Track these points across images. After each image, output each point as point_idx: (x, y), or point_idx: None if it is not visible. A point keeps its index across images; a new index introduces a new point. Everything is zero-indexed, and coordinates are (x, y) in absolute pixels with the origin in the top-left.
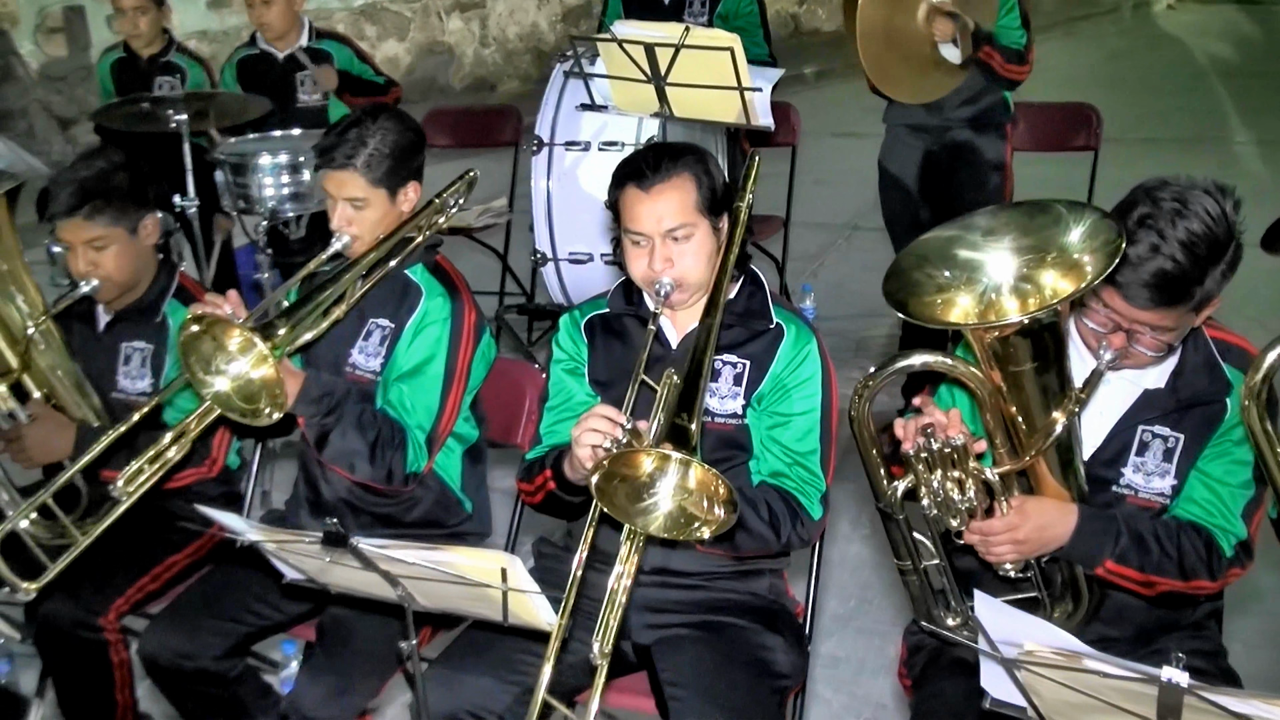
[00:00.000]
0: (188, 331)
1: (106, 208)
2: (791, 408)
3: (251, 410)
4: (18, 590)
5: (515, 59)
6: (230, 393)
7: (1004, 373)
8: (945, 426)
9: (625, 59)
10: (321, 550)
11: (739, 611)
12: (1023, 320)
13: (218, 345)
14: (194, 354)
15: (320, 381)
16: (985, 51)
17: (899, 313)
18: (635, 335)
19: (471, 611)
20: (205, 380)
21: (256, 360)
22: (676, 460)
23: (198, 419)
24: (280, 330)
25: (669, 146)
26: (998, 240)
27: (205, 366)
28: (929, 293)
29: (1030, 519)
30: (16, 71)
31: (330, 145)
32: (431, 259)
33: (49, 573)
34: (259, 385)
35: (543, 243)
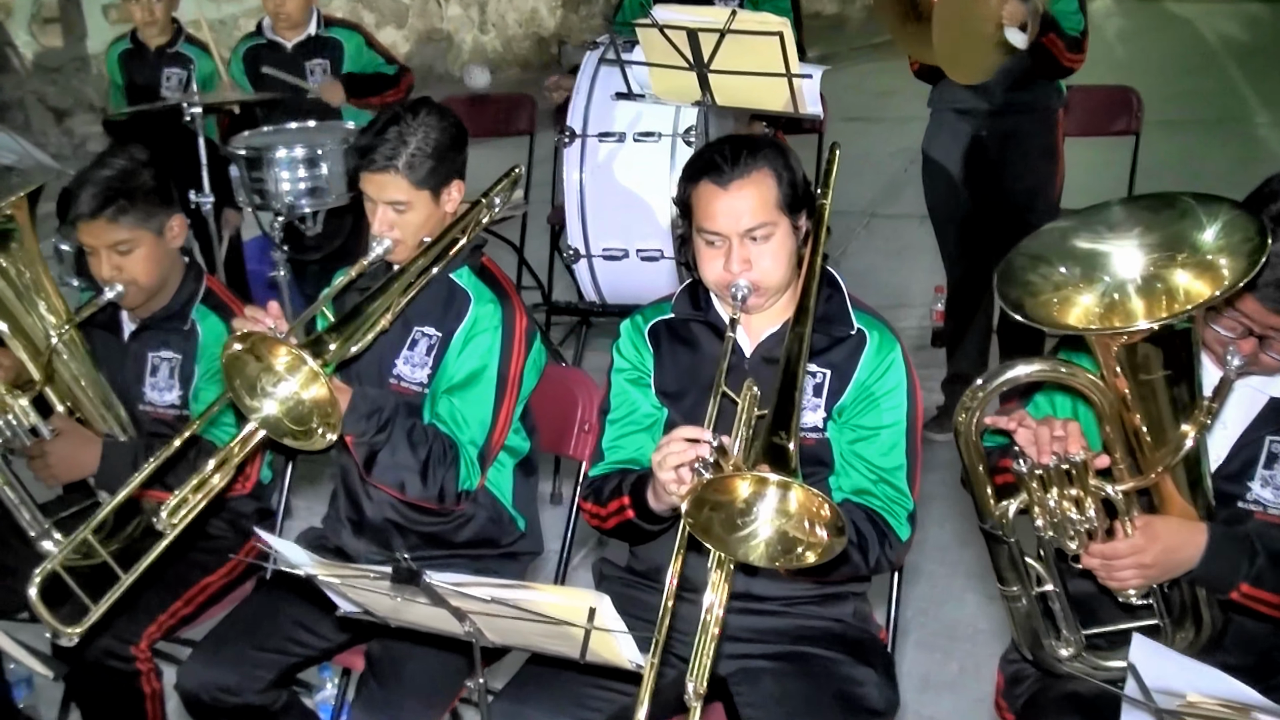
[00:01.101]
0: (230, 351)
1: (132, 208)
2: (877, 420)
3: (303, 432)
4: (61, 636)
5: (515, 45)
6: (280, 416)
7: (1132, 381)
8: (1064, 440)
9: (666, 45)
10: (391, 588)
11: (824, 640)
12: (1152, 326)
13: (264, 365)
14: (238, 376)
15: (368, 397)
16: (1049, 38)
17: (1016, 315)
18: (704, 342)
19: (545, 648)
20: (252, 405)
21: (306, 379)
22: (775, 483)
23: (240, 443)
24: (331, 346)
25: (746, 139)
26: (1120, 235)
27: (250, 389)
28: (1044, 292)
29: (1158, 541)
30: (11, 63)
31: (369, 146)
32: (478, 261)
33: (91, 615)
34: (310, 406)
35: (575, 238)
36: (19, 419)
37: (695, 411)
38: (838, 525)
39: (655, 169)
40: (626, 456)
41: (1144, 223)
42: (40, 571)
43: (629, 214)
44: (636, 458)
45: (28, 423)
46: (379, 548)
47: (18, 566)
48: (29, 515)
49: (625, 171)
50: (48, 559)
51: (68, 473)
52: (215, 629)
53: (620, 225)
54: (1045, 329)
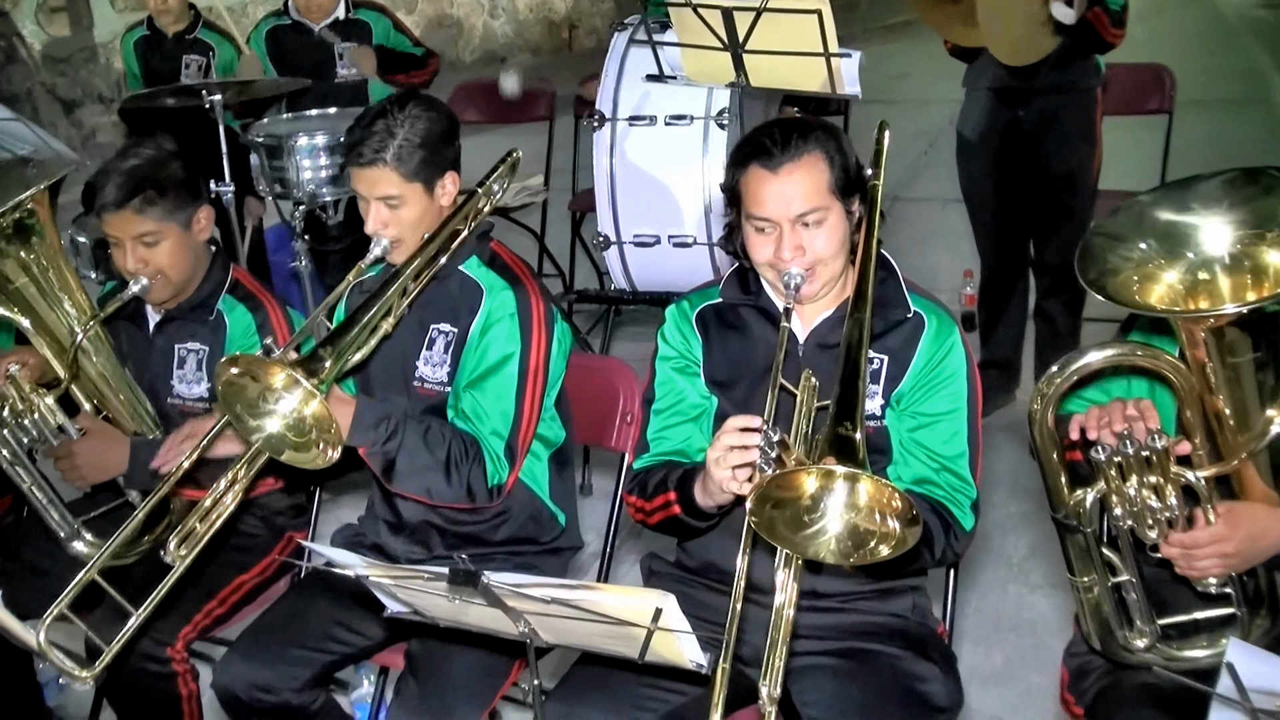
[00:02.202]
0: (225, 379)
1: (159, 200)
2: (938, 406)
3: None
4: (77, 680)
5: (526, 30)
6: (284, 433)
7: (1218, 365)
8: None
9: (699, 25)
10: (448, 589)
11: (884, 636)
12: (1241, 310)
13: (262, 386)
14: (237, 401)
15: (373, 406)
16: (1094, 12)
17: (1097, 294)
18: (755, 328)
19: (602, 648)
20: (253, 426)
21: (305, 398)
22: (843, 476)
23: (246, 465)
24: (326, 362)
25: (797, 122)
26: (1206, 211)
27: (252, 410)
28: (1125, 270)
29: (1241, 528)
30: (19, 53)
31: (357, 140)
32: (486, 249)
33: (107, 654)
34: (311, 421)
35: (605, 225)
36: (45, 418)
37: (747, 400)
38: (910, 515)
39: (687, 153)
40: (673, 448)
41: (1230, 198)
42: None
43: (661, 199)
44: (683, 449)
45: (54, 422)
46: (418, 547)
47: (49, 568)
48: (58, 516)
49: (656, 156)
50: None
51: (95, 473)
52: (252, 627)
53: (652, 211)
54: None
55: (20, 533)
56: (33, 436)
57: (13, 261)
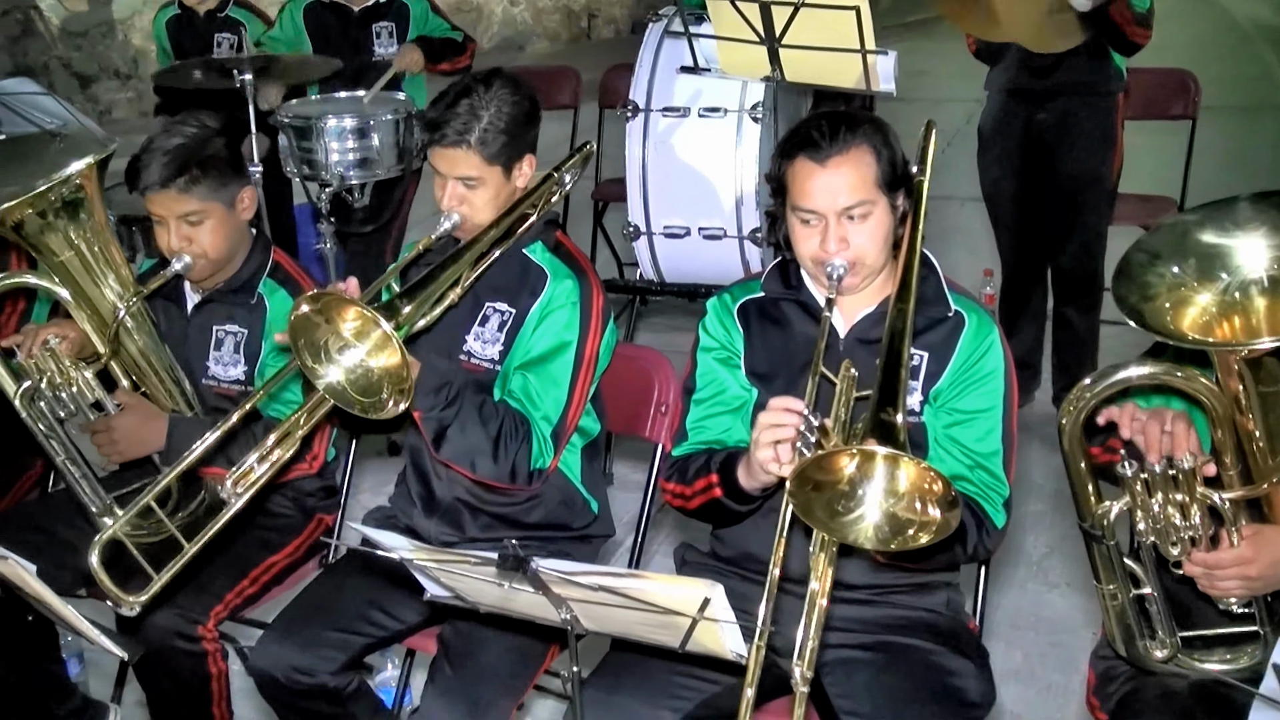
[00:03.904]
0: (299, 313)
1: (203, 178)
2: (974, 404)
3: (372, 402)
4: (122, 605)
5: (544, 18)
6: (346, 383)
7: (1253, 391)
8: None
9: (736, 18)
10: (497, 575)
11: (918, 631)
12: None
13: (333, 328)
14: (304, 339)
15: (437, 370)
16: (1117, 8)
17: (1133, 322)
18: (796, 322)
19: (642, 636)
20: (318, 370)
21: (378, 344)
22: (885, 457)
23: (307, 413)
24: (405, 309)
25: (844, 115)
26: (1241, 233)
27: (317, 354)
28: (1160, 294)
29: (1266, 552)
30: (37, 27)
31: (440, 120)
32: (552, 237)
33: (154, 584)
34: (380, 373)
35: (636, 215)
36: (83, 392)
37: (787, 393)
38: (950, 499)
39: (720, 145)
40: (712, 438)
41: (1272, 221)
42: (100, 538)
43: (692, 191)
44: (722, 439)
45: (92, 397)
46: (450, 528)
47: (79, 543)
48: (90, 491)
49: (689, 147)
50: (107, 527)
51: (133, 448)
52: (288, 609)
53: (683, 202)
54: (1166, 339)
55: (48, 508)
56: (69, 410)
57: (59, 236)
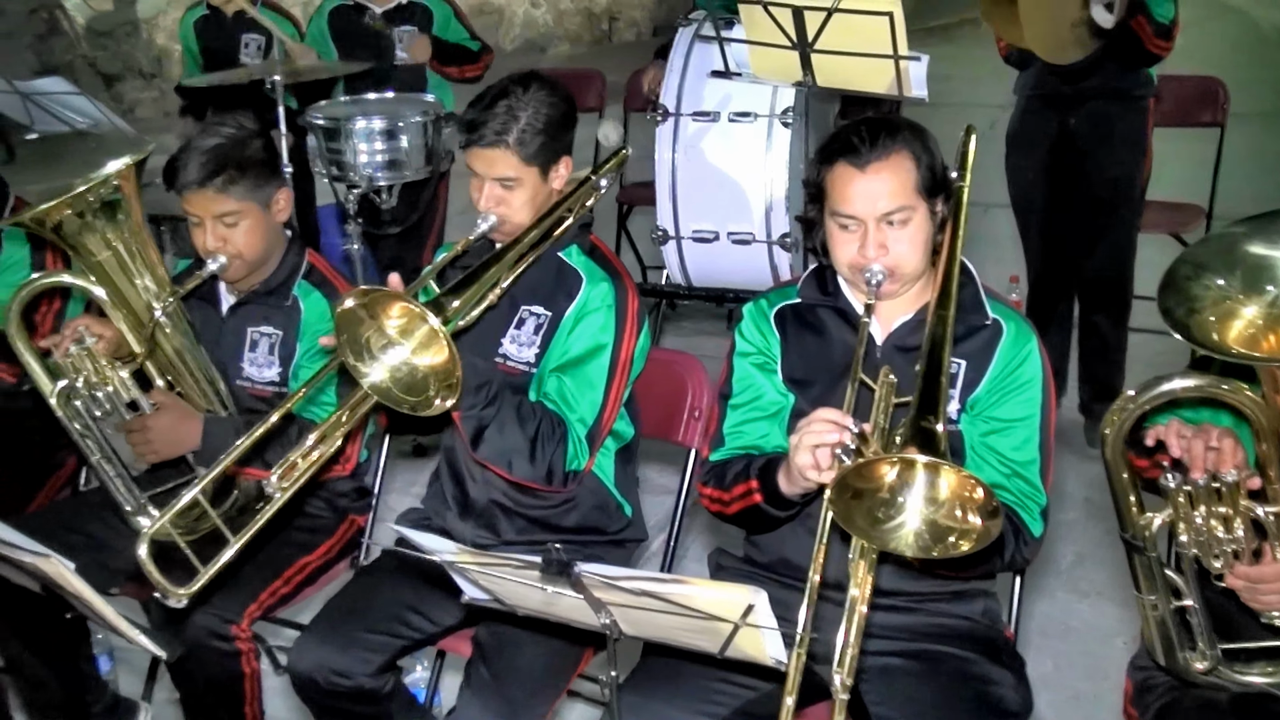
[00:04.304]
0: (345, 308)
1: (241, 179)
2: (1012, 412)
3: (420, 400)
4: (169, 597)
5: (566, 20)
6: (390, 381)
7: None
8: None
9: (769, 22)
10: (540, 578)
11: (956, 639)
12: None
13: (378, 325)
14: (348, 335)
15: (477, 370)
16: (1138, 20)
17: (1179, 335)
18: (833, 328)
19: (681, 641)
20: (361, 368)
21: (424, 340)
22: (925, 465)
23: (350, 410)
24: (454, 303)
25: (884, 121)
26: None
27: (360, 352)
28: (1206, 307)
29: None
30: (62, 26)
31: (478, 120)
32: (587, 241)
33: (201, 577)
34: (425, 370)
35: (664, 219)
36: (119, 392)
37: (824, 399)
38: (990, 508)
39: (750, 150)
40: (749, 443)
41: None
42: (149, 532)
43: (721, 195)
44: (760, 445)
45: (128, 396)
46: (485, 530)
47: (113, 542)
48: (125, 489)
49: (719, 152)
50: (151, 522)
51: (168, 448)
52: (325, 611)
53: (712, 207)
54: (1212, 353)
55: (80, 507)
56: (105, 409)
57: (97, 236)
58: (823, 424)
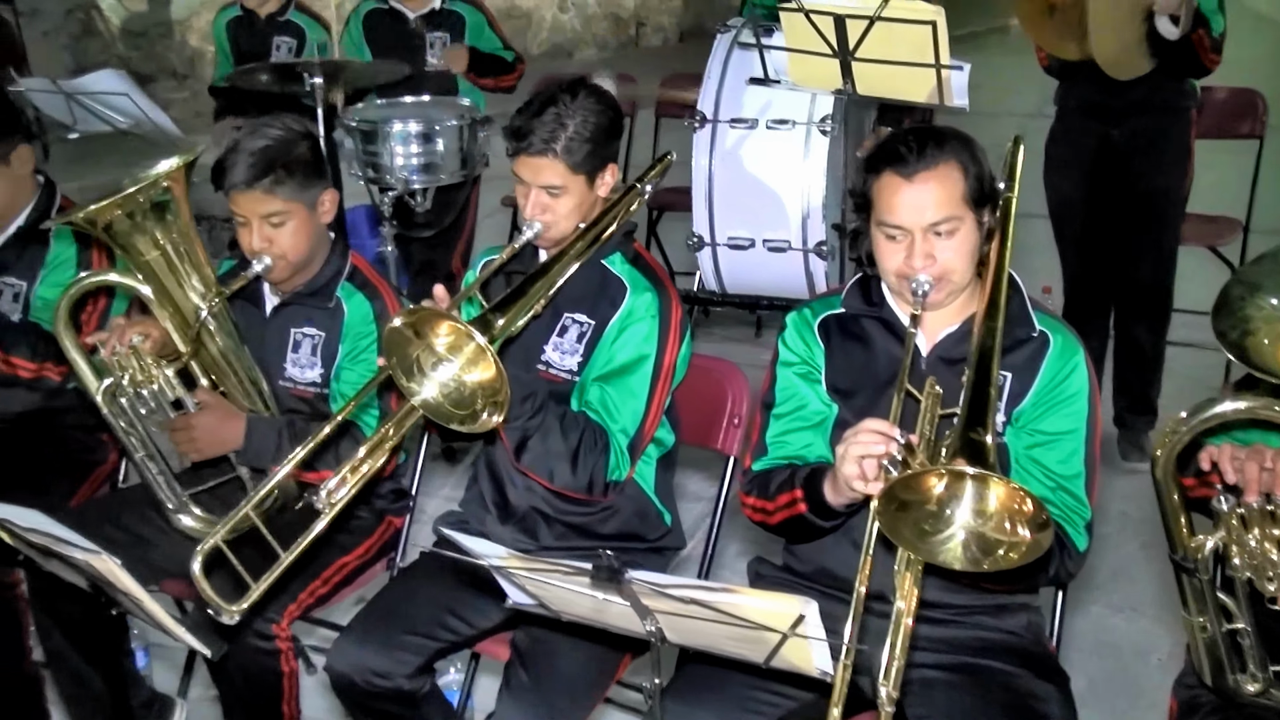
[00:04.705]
0: (392, 327)
1: (288, 180)
2: (1058, 425)
3: (467, 415)
4: (223, 614)
5: (593, 25)
6: (441, 397)
7: None
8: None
9: (810, 30)
10: (591, 585)
11: (1000, 653)
12: None
13: (425, 343)
14: (396, 354)
15: (521, 381)
16: (1197, 34)
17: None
18: (877, 338)
19: (727, 650)
20: (410, 386)
21: (472, 358)
22: (973, 477)
23: (396, 425)
24: (499, 321)
25: (931, 130)
26: None
27: (409, 370)
28: (1260, 329)
29: None
30: (97, 26)
31: (526, 128)
32: (630, 248)
33: (252, 593)
34: (473, 387)
35: (700, 225)
36: (164, 390)
37: (868, 410)
38: (1040, 520)
39: (788, 157)
40: (792, 453)
41: None
42: (203, 547)
43: (758, 203)
44: (803, 454)
45: (172, 395)
46: (525, 536)
47: (155, 539)
48: (168, 487)
49: (756, 159)
50: (210, 534)
51: (211, 447)
52: (364, 612)
53: (748, 214)
54: (1268, 377)
55: (121, 503)
56: (150, 407)
57: (146, 237)
58: (870, 435)
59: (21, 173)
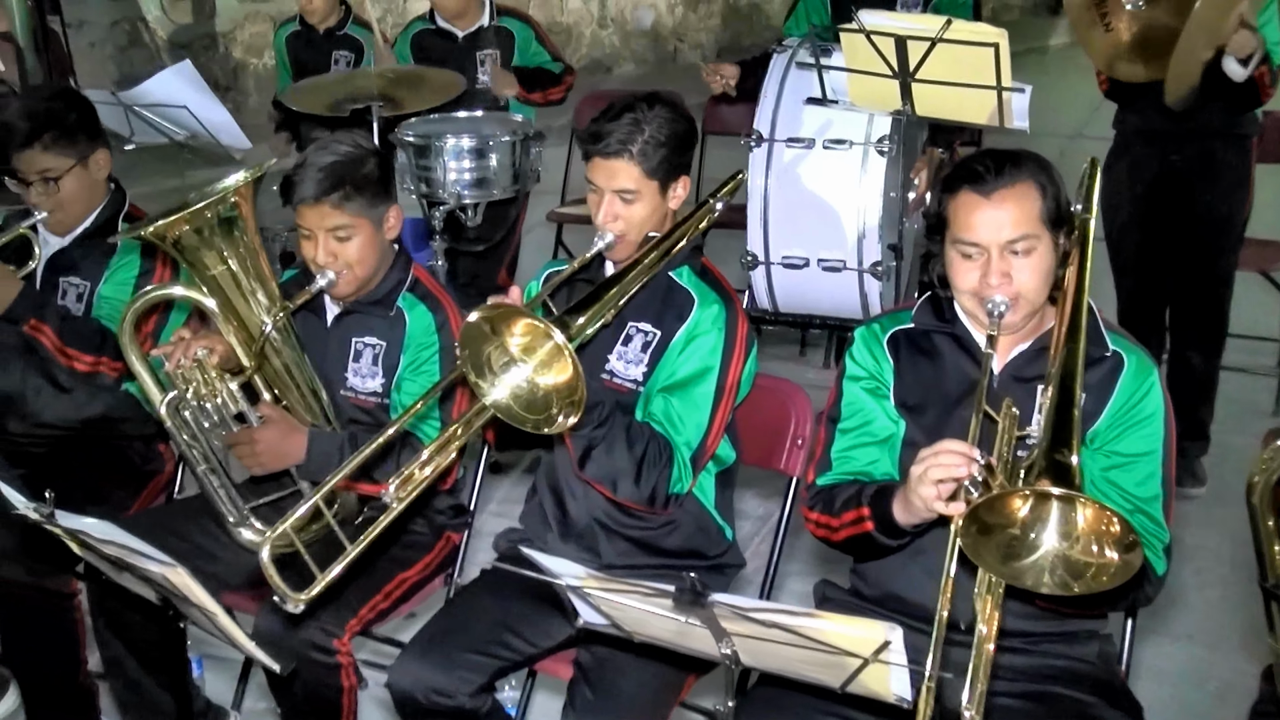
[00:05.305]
0: (470, 321)
1: (356, 195)
2: (1134, 447)
3: (543, 418)
4: (288, 602)
5: (632, 41)
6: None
7: None
8: None
9: (870, 51)
10: (674, 608)
11: (1073, 681)
12: None
13: (499, 343)
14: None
15: (589, 389)
16: (1261, 71)
17: None
18: (948, 355)
19: (802, 674)
20: (483, 386)
21: (548, 358)
22: (1060, 498)
23: (465, 425)
24: (579, 320)
25: (1009, 151)
26: None
27: (480, 369)
28: None
29: None
30: (143, 38)
31: (602, 131)
32: (698, 262)
33: (318, 583)
34: (547, 389)
35: (755, 244)
36: (227, 404)
37: (938, 427)
38: (1128, 542)
39: (845, 177)
40: (858, 469)
41: None
42: (270, 534)
43: (813, 222)
44: (869, 471)
45: (236, 409)
46: (586, 552)
47: (213, 550)
48: (229, 501)
49: (812, 178)
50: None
51: (274, 460)
52: (427, 628)
53: (804, 233)
54: None
55: (179, 514)
56: (213, 421)
57: (213, 252)
58: (951, 456)
59: (98, 176)
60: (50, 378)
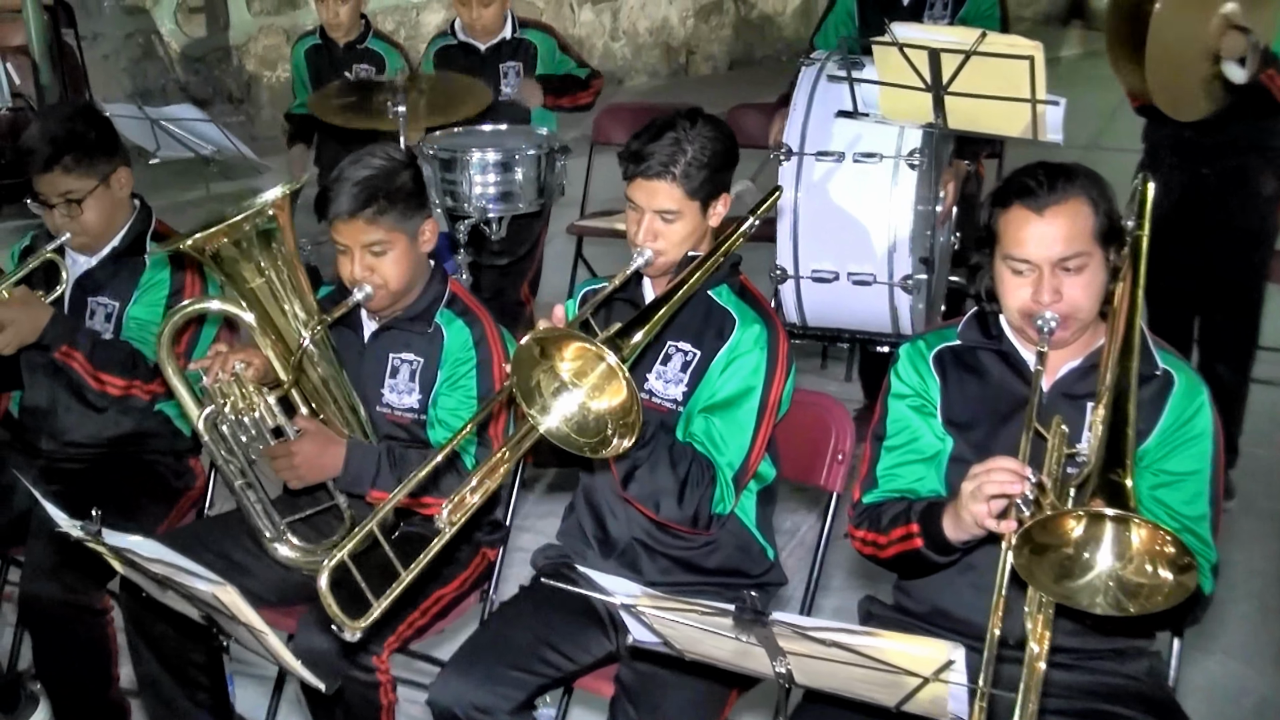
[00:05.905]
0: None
1: (391, 209)
2: (1183, 465)
3: (597, 441)
4: (345, 630)
5: (644, 53)
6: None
7: None
8: None
9: (903, 64)
10: (733, 627)
11: (1124, 699)
12: None
13: (549, 367)
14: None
15: None
16: (1268, 74)
17: None
18: (995, 371)
19: (856, 693)
20: (536, 415)
21: (601, 380)
22: (1114, 519)
23: (513, 448)
24: (632, 340)
25: (1060, 166)
26: None
27: (530, 396)
28: None
29: None
30: (157, 51)
31: (644, 152)
32: (737, 281)
33: (373, 610)
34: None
35: (784, 257)
36: (264, 418)
37: (986, 444)
38: (1183, 563)
39: (875, 191)
40: (904, 486)
41: None
42: (329, 562)
43: (843, 236)
44: (915, 488)
45: (273, 423)
46: (627, 570)
47: (250, 566)
48: (266, 516)
49: (842, 192)
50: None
51: (312, 474)
52: (467, 645)
53: (833, 247)
54: None
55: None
56: (251, 435)
57: (251, 265)
58: (1004, 473)
59: (121, 195)
60: (80, 396)
